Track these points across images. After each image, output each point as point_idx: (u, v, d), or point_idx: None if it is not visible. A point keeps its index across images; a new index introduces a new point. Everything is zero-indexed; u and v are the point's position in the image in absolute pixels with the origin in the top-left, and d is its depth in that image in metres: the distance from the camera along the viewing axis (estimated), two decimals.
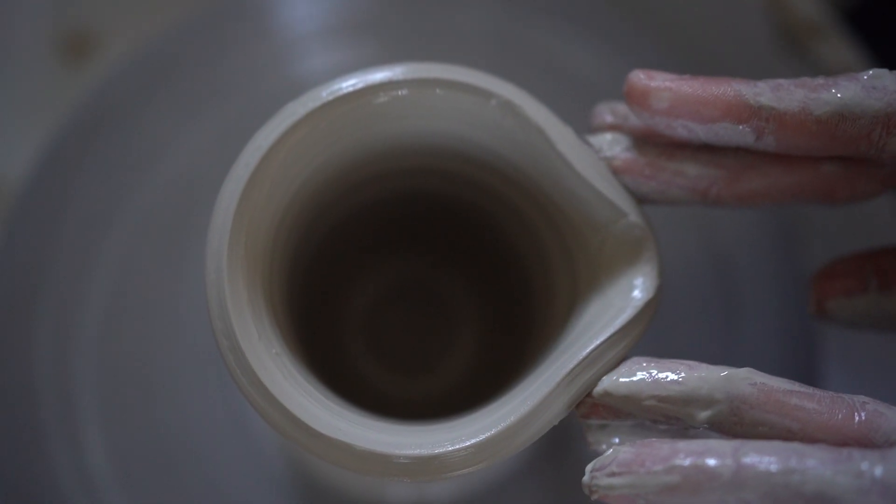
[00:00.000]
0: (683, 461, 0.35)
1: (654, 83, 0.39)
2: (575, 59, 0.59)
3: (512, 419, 0.38)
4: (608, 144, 0.41)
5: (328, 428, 0.38)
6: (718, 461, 0.35)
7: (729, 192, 0.41)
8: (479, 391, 0.48)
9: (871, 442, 0.36)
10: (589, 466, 0.37)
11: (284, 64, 0.58)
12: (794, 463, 0.34)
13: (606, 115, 0.42)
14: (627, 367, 0.38)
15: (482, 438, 0.38)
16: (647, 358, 0.38)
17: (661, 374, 0.37)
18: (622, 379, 0.38)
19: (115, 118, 0.58)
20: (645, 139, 0.41)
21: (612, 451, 0.37)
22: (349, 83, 0.41)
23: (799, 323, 0.57)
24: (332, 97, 0.40)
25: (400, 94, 0.41)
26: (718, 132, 0.39)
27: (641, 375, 0.38)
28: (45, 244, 0.56)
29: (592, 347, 0.39)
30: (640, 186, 0.41)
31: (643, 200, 0.41)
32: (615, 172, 0.41)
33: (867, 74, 0.39)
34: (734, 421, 0.37)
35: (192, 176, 0.57)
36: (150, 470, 0.53)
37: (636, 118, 0.40)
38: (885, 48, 0.63)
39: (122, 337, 0.55)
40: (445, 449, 0.37)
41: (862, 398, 0.37)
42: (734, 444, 0.35)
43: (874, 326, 0.44)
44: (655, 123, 0.39)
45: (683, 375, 0.37)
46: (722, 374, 0.37)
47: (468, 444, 0.38)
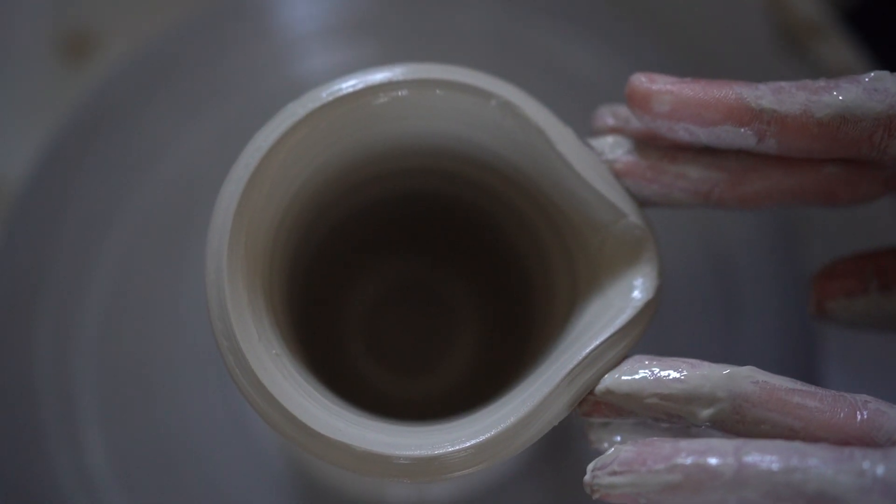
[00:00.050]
0: (685, 460, 0.35)
1: (655, 86, 0.39)
2: (575, 59, 0.59)
3: (512, 420, 0.38)
4: (610, 147, 0.41)
5: (328, 428, 0.38)
6: (720, 460, 0.35)
7: (731, 194, 0.40)
8: (478, 391, 0.48)
9: (872, 441, 0.36)
10: (590, 465, 0.37)
11: (284, 64, 0.58)
12: (795, 462, 0.34)
13: (608, 117, 0.42)
14: (629, 365, 0.38)
15: (482, 439, 0.38)
16: (649, 356, 0.38)
17: (663, 372, 0.37)
18: (624, 377, 0.38)
19: (115, 118, 0.58)
20: (646, 142, 0.41)
21: (613, 450, 0.37)
22: (349, 84, 0.41)
23: (799, 323, 0.57)
24: (332, 98, 0.40)
25: (400, 94, 0.41)
26: (720, 135, 0.39)
27: (643, 373, 0.38)
28: (45, 244, 0.56)
29: (592, 348, 0.39)
30: (642, 189, 0.41)
31: (645, 203, 0.41)
32: (617, 176, 0.41)
33: (868, 77, 0.39)
34: (736, 419, 0.37)
35: (192, 176, 0.57)
36: (150, 470, 0.53)
37: (637, 121, 0.40)
38: (885, 48, 0.63)
39: (122, 337, 0.55)
40: (445, 450, 0.37)
41: (864, 397, 0.37)
42: (736, 443, 0.35)
43: (874, 327, 0.44)
44: (657, 126, 0.39)
45: (685, 373, 0.37)
46: (724, 372, 0.37)
47: (468, 444, 0.38)
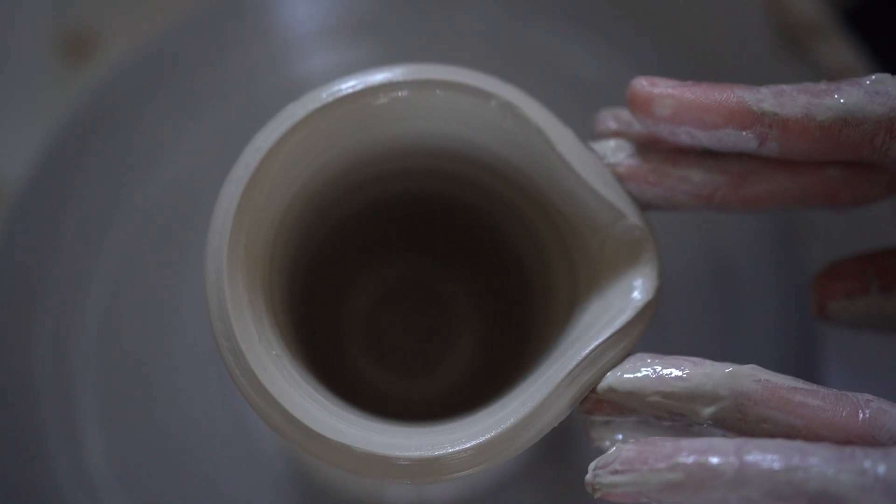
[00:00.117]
0: (686, 459, 0.35)
1: (656, 90, 0.39)
2: (575, 59, 0.59)
3: (512, 421, 0.38)
4: (612, 151, 0.41)
5: (328, 429, 0.38)
6: (721, 459, 0.35)
7: (733, 197, 0.40)
8: (479, 391, 0.48)
9: (874, 439, 0.36)
10: (592, 464, 0.37)
11: (284, 64, 0.58)
12: (797, 461, 0.34)
13: (609, 121, 0.42)
14: (631, 363, 0.38)
15: (482, 440, 0.38)
16: (651, 354, 0.39)
17: (665, 370, 0.38)
18: (626, 375, 0.38)
19: (115, 118, 0.58)
20: (648, 145, 0.41)
21: (615, 449, 0.37)
22: (349, 85, 0.41)
23: (799, 323, 0.57)
24: (331, 98, 0.40)
25: (400, 95, 0.41)
26: (722, 138, 0.39)
27: (646, 372, 0.38)
28: (45, 244, 0.56)
29: (592, 348, 0.39)
30: (644, 193, 0.41)
31: (648, 206, 0.41)
32: (619, 179, 0.41)
33: (870, 79, 0.39)
34: (738, 417, 0.37)
35: (192, 176, 0.57)
36: (150, 470, 0.53)
37: (639, 124, 0.40)
38: (885, 48, 0.63)
39: (122, 337, 0.55)
40: (446, 451, 0.37)
41: (866, 396, 0.37)
42: (737, 442, 0.35)
43: (875, 327, 0.44)
44: (659, 130, 0.39)
45: (688, 372, 0.37)
46: (726, 370, 0.37)
47: (468, 445, 0.38)
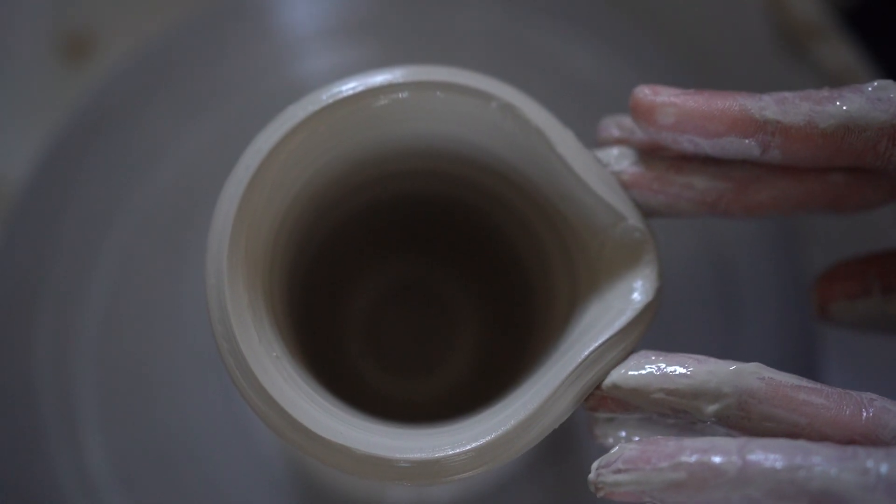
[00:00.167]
0: (689, 458, 0.35)
1: (659, 98, 0.39)
2: (575, 59, 0.59)
3: (512, 423, 0.38)
4: (615, 159, 0.41)
5: (328, 431, 0.38)
6: (724, 458, 0.35)
7: (737, 203, 0.40)
8: (479, 392, 0.48)
9: (878, 438, 0.36)
10: (595, 464, 0.37)
11: (284, 65, 0.58)
12: (799, 460, 0.34)
13: (612, 128, 0.42)
14: (636, 360, 0.39)
15: (483, 442, 0.38)
16: (655, 351, 0.39)
17: (669, 367, 0.38)
18: (630, 372, 0.38)
19: (115, 118, 0.58)
20: (651, 152, 0.41)
21: (617, 448, 0.37)
22: (349, 86, 0.41)
23: (799, 324, 0.57)
24: (332, 100, 0.40)
25: (400, 96, 0.41)
26: (724, 146, 0.39)
27: (650, 369, 0.38)
28: (45, 244, 0.56)
29: (591, 350, 0.39)
30: (648, 200, 0.41)
31: (652, 214, 0.41)
32: (623, 187, 0.41)
33: (872, 86, 0.39)
34: (741, 415, 0.37)
35: (192, 176, 0.57)
36: (150, 470, 0.53)
37: (642, 132, 0.40)
38: (885, 48, 0.63)
39: (122, 337, 0.55)
40: (446, 453, 0.37)
41: (869, 395, 0.37)
42: (739, 441, 0.35)
43: (877, 329, 0.44)
44: (662, 138, 0.39)
45: (692, 369, 0.37)
46: (730, 368, 0.37)
47: (469, 447, 0.38)
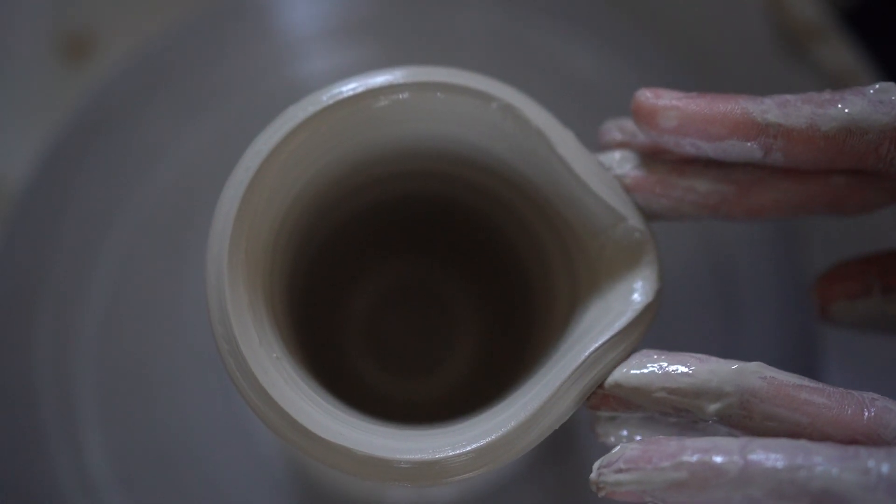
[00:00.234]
0: (691, 457, 0.35)
1: (661, 102, 0.39)
2: (575, 59, 0.59)
3: (513, 424, 0.38)
4: (618, 162, 0.41)
5: (328, 432, 0.38)
6: (725, 458, 0.35)
7: (739, 206, 0.40)
8: (479, 393, 0.48)
9: (879, 438, 0.36)
10: (596, 463, 0.37)
11: (284, 65, 0.58)
12: (800, 460, 0.34)
13: (614, 132, 0.42)
14: (638, 359, 0.39)
15: (483, 443, 0.38)
16: (657, 351, 0.39)
17: (671, 366, 0.38)
18: (632, 371, 0.38)
19: (115, 118, 0.58)
20: (653, 155, 0.41)
21: (619, 447, 0.37)
22: (349, 87, 0.41)
23: (799, 324, 0.57)
24: (332, 101, 0.40)
25: (400, 97, 0.41)
26: (726, 149, 0.39)
27: (652, 367, 0.38)
28: (45, 244, 0.56)
29: (591, 351, 0.39)
30: (651, 204, 0.41)
31: (654, 217, 0.41)
32: (626, 190, 0.41)
33: (873, 88, 0.39)
34: (743, 414, 0.37)
35: (192, 176, 0.57)
36: (150, 470, 0.53)
37: (644, 136, 0.40)
38: (885, 48, 0.63)
39: (122, 337, 0.55)
40: (446, 454, 0.37)
41: (871, 395, 0.37)
42: (741, 441, 0.35)
43: (878, 329, 0.44)
44: (664, 141, 0.39)
45: (694, 368, 0.37)
46: (732, 367, 0.37)
47: (469, 448, 0.38)
